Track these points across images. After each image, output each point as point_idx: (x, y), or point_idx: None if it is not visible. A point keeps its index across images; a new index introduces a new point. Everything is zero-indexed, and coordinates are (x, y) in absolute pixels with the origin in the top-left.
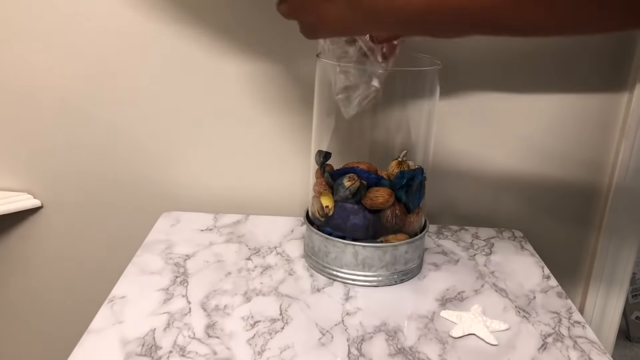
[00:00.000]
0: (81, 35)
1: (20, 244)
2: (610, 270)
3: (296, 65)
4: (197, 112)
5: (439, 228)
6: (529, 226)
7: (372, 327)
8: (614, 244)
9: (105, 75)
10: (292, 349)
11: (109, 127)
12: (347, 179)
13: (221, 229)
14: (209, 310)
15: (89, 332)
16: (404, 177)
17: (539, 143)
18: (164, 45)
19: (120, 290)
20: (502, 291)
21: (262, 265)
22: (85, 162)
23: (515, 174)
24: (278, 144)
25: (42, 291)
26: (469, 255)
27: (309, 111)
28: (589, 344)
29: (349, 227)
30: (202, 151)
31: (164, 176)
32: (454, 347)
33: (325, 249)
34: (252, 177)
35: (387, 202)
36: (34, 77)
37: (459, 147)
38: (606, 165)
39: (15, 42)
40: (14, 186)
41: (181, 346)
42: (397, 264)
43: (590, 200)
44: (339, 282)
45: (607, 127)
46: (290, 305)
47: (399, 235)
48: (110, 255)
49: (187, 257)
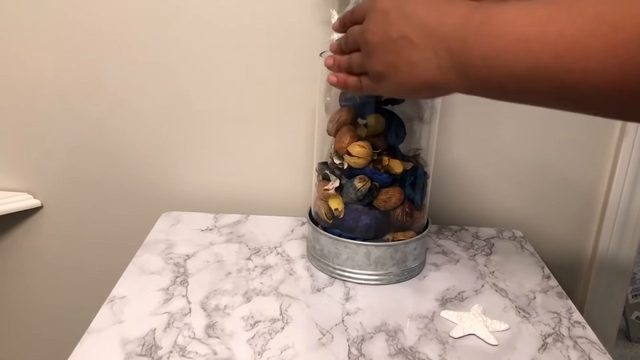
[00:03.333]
0: (81, 35)
1: (20, 244)
2: (610, 270)
3: (298, 64)
4: (198, 112)
5: (439, 228)
6: (529, 226)
7: (372, 327)
8: (614, 243)
9: (105, 75)
10: (292, 349)
11: (109, 128)
12: (358, 180)
13: (221, 229)
14: (209, 310)
15: (89, 332)
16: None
17: (539, 143)
18: (164, 45)
19: (121, 290)
20: (502, 291)
21: (262, 265)
22: (85, 162)
23: (516, 174)
24: (279, 144)
25: (42, 291)
26: (469, 255)
27: (311, 111)
28: (589, 344)
29: (361, 227)
30: (202, 151)
31: (164, 176)
32: (454, 347)
33: (336, 251)
34: (253, 177)
35: (399, 202)
36: (34, 77)
37: (459, 147)
38: (606, 165)
39: (15, 42)
40: (14, 186)
41: (181, 346)
42: (407, 261)
43: (590, 200)
44: (350, 283)
45: (607, 127)
46: (290, 305)
47: (408, 233)
48: (110, 255)
49: (187, 257)
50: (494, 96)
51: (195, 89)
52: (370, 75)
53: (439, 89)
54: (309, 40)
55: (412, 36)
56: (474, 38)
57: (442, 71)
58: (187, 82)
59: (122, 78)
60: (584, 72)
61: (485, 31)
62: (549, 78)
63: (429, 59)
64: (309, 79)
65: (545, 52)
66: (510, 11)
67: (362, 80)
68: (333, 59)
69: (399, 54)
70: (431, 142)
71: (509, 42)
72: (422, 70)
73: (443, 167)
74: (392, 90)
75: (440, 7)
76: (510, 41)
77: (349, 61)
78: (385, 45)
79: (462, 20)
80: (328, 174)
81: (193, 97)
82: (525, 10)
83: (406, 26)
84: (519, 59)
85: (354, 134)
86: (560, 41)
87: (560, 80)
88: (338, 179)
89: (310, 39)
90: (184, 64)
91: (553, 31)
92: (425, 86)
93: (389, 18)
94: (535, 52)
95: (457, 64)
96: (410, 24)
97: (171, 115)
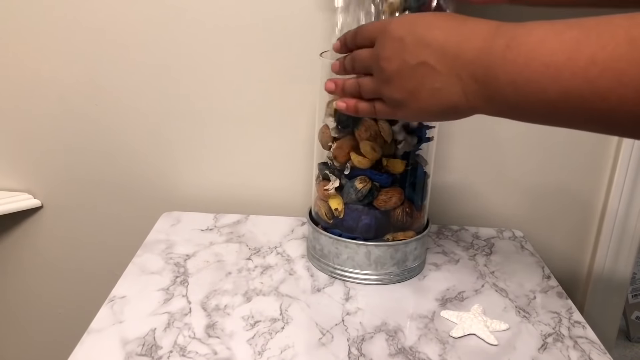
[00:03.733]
0: (81, 36)
1: (20, 244)
2: (610, 270)
3: (298, 64)
4: (198, 112)
5: (439, 228)
6: (529, 226)
7: (373, 327)
8: (614, 244)
9: (105, 75)
10: (292, 349)
11: (109, 128)
12: (359, 181)
13: (221, 229)
14: (209, 310)
15: (89, 332)
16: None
17: (539, 143)
18: (164, 45)
19: (121, 290)
20: (502, 291)
21: (262, 265)
22: (85, 163)
23: (516, 173)
24: (279, 144)
25: (42, 291)
26: (469, 255)
27: (311, 111)
28: (589, 344)
29: (361, 227)
30: (202, 151)
31: (164, 176)
32: (454, 347)
33: (336, 251)
34: (253, 177)
35: (399, 202)
36: (34, 78)
37: (459, 148)
38: (606, 165)
39: (15, 42)
40: (14, 186)
41: (181, 346)
42: (407, 261)
43: (590, 200)
44: (350, 283)
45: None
46: (290, 305)
47: (408, 233)
48: (110, 255)
49: (187, 257)
50: (521, 119)
51: (195, 89)
52: (387, 101)
53: (463, 113)
54: (309, 40)
55: (432, 62)
56: (500, 64)
57: (468, 97)
58: (187, 82)
59: (122, 78)
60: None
61: (512, 57)
62: (580, 104)
63: (452, 84)
64: (309, 79)
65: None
66: (536, 34)
67: (377, 105)
68: (335, 83)
69: (420, 81)
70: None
71: (538, 69)
72: (447, 95)
73: (443, 167)
74: (413, 116)
75: (459, 30)
76: (539, 67)
77: (358, 86)
78: (404, 73)
79: (484, 44)
80: (328, 174)
81: (193, 97)
82: (552, 33)
83: (424, 52)
84: (549, 86)
85: (355, 144)
86: (592, 67)
87: (593, 106)
88: (338, 179)
89: (311, 39)
90: (184, 64)
91: (583, 57)
92: (450, 111)
93: (404, 44)
94: (566, 80)
95: (483, 90)
96: (428, 49)
97: (171, 116)
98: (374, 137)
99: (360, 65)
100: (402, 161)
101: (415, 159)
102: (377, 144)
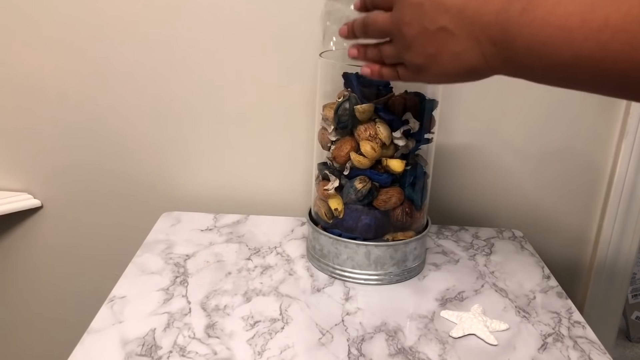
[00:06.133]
0: (82, 35)
1: (20, 244)
2: (610, 270)
3: (298, 64)
4: (198, 112)
5: (439, 228)
6: (529, 226)
7: (372, 327)
8: (614, 244)
9: (105, 75)
10: (292, 349)
11: (109, 128)
12: (358, 181)
13: (221, 229)
14: (209, 310)
15: (89, 332)
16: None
17: (539, 143)
18: (165, 45)
19: (120, 290)
20: (502, 291)
21: (262, 265)
22: (85, 163)
23: (516, 174)
24: (279, 144)
25: (42, 291)
26: (469, 255)
27: (311, 111)
28: (589, 344)
29: (360, 227)
30: (202, 151)
31: (164, 176)
32: (454, 347)
33: (336, 251)
34: (253, 177)
35: (399, 202)
36: (34, 77)
37: (459, 148)
38: (606, 165)
39: (15, 42)
40: (13, 186)
41: (181, 346)
42: (407, 261)
43: (590, 200)
44: (350, 283)
45: (607, 127)
46: (290, 305)
47: (408, 233)
48: (110, 255)
49: (187, 257)
50: (537, 81)
51: (195, 89)
52: (409, 66)
53: (483, 74)
54: (309, 40)
55: (452, 27)
56: (517, 28)
57: (487, 59)
58: (187, 82)
59: (122, 78)
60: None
61: (528, 21)
62: (593, 67)
63: (472, 47)
64: (309, 79)
65: (588, 42)
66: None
67: (400, 70)
68: (357, 50)
69: (440, 46)
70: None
71: (552, 32)
72: (467, 59)
73: (443, 167)
74: (434, 79)
75: None
76: (553, 30)
77: (380, 52)
78: (424, 38)
79: (501, 8)
80: (328, 174)
81: (193, 97)
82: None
83: (443, 17)
84: (562, 49)
85: (355, 144)
86: (605, 30)
87: (605, 69)
88: (338, 179)
89: (311, 39)
90: (184, 64)
91: (597, 19)
92: (471, 73)
93: (423, 10)
94: (579, 43)
95: (501, 52)
96: (447, 14)
97: (171, 116)
98: (373, 136)
99: (375, 30)
100: (402, 161)
101: (415, 159)
102: (377, 144)
